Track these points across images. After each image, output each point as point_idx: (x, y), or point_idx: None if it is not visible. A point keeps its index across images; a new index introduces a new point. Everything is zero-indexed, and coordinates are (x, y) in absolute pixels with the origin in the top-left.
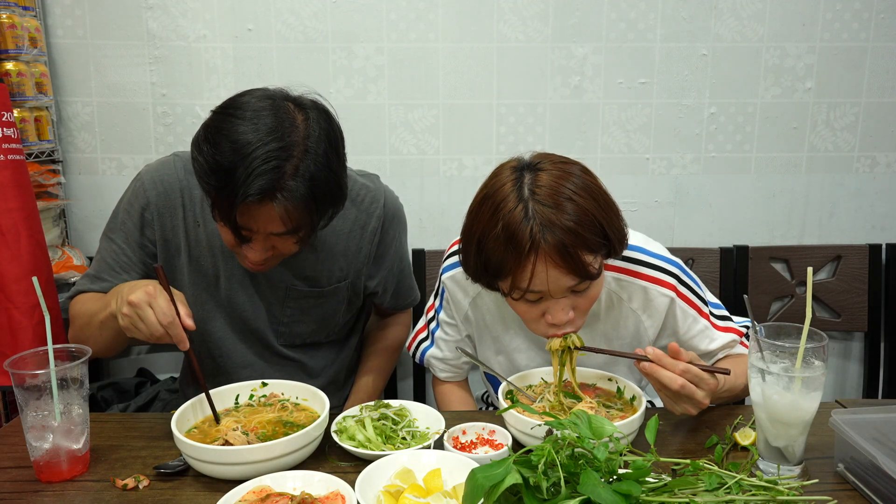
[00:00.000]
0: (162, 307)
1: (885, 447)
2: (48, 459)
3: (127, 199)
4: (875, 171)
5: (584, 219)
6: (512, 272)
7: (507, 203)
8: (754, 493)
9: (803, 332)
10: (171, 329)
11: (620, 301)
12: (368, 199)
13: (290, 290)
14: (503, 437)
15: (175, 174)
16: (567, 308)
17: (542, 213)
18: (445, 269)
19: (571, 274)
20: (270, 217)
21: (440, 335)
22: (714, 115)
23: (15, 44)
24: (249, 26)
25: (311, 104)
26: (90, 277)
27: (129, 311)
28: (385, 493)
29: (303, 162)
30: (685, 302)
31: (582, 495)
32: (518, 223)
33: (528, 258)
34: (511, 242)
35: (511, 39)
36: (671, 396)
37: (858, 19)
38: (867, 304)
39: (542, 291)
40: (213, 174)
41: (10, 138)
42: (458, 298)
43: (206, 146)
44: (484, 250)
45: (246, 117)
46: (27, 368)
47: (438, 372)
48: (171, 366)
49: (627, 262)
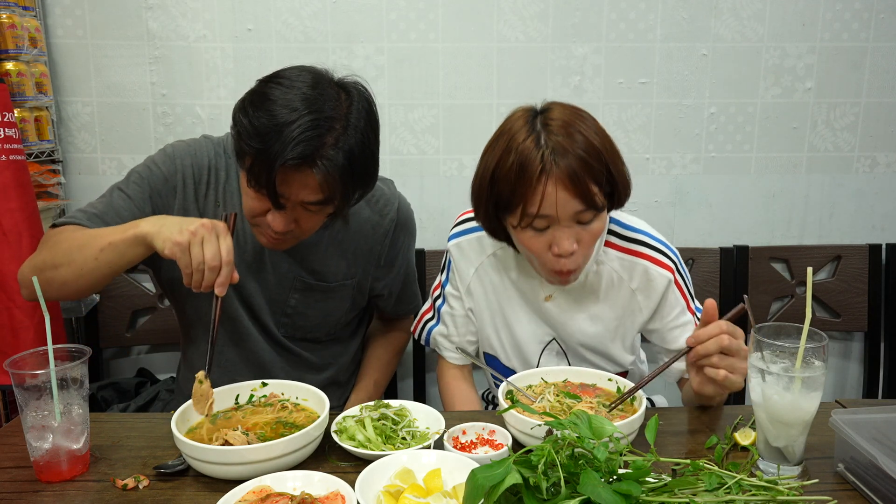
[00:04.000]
0: (229, 245)
1: (885, 447)
2: (48, 459)
3: (152, 160)
4: (875, 171)
5: (592, 151)
6: (523, 198)
7: (520, 135)
8: (754, 493)
9: (803, 332)
10: (227, 268)
11: (621, 281)
12: (383, 201)
13: (297, 282)
14: (503, 437)
15: (206, 151)
16: (572, 238)
17: (555, 141)
18: (452, 237)
19: (578, 199)
20: (306, 183)
21: (446, 310)
22: (714, 115)
23: (15, 44)
24: (249, 26)
25: (353, 86)
26: (88, 215)
27: (198, 230)
28: (385, 494)
29: (343, 135)
30: (678, 289)
31: (582, 495)
32: (530, 150)
33: (539, 181)
34: (524, 168)
35: (511, 39)
36: (718, 365)
37: (858, 19)
38: (867, 304)
39: (551, 216)
40: (258, 136)
41: (11, 138)
42: (462, 267)
43: (251, 109)
44: (497, 182)
45: (294, 87)
46: (27, 368)
47: (444, 350)
48: (170, 366)
49: (631, 243)
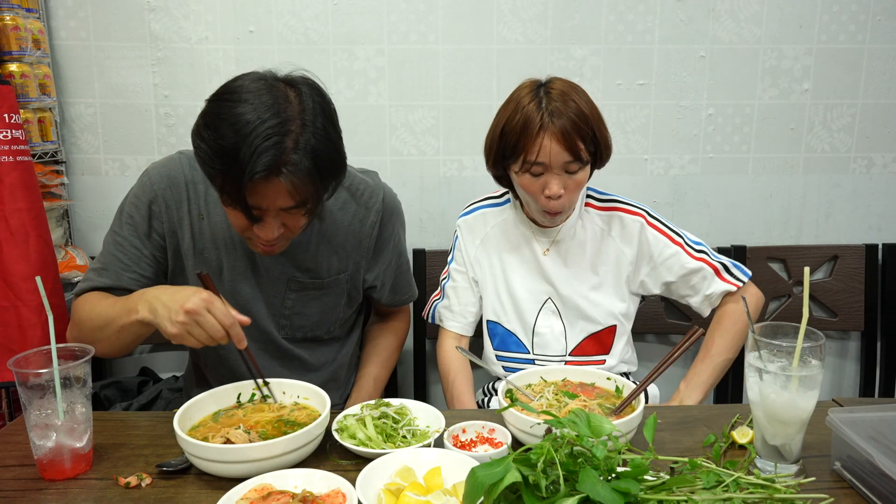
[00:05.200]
0: (222, 310)
1: (881, 445)
2: (51, 458)
3: (133, 194)
4: (872, 172)
5: (581, 115)
6: (524, 148)
7: (525, 99)
8: (752, 491)
9: (800, 331)
10: (233, 329)
11: (604, 233)
12: (367, 193)
13: (291, 282)
14: (503, 435)
15: (180, 169)
16: (560, 184)
17: (553, 106)
18: (462, 215)
19: (568, 152)
20: (278, 192)
21: (450, 285)
22: (712, 117)
23: (19, 45)
24: (251, 28)
25: (302, 80)
26: (96, 271)
27: (187, 319)
28: (386, 492)
29: (302, 135)
30: (655, 229)
31: (581, 493)
32: (533, 111)
33: (538, 135)
34: (526, 125)
35: (511, 41)
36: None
37: (855, 21)
38: (864, 303)
39: (545, 164)
40: (218, 158)
41: (17, 140)
42: (467, 239)
43: (206, 132)
44: (505, 135)
45: (242, 99)
46: (31, 367)
47: (447, 321)
48: (173, 365)
49: (607, 202)
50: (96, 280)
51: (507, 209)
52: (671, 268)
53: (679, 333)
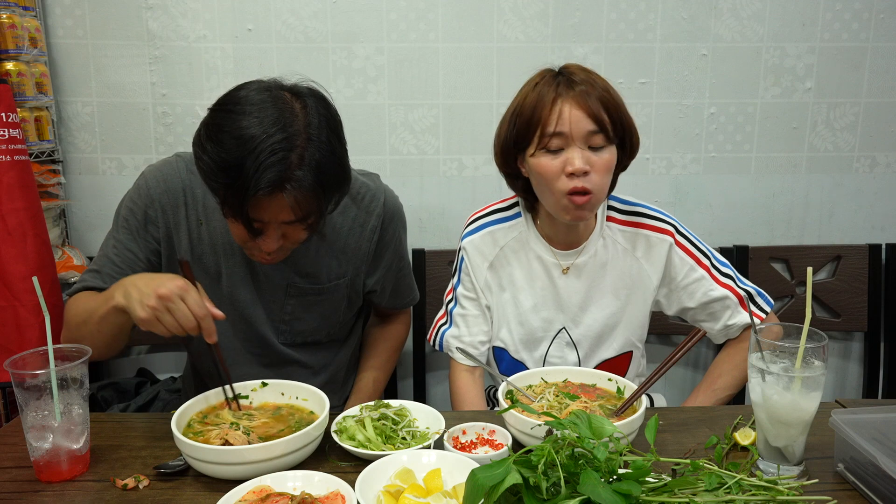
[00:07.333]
0: (195, 299)
1: (884, 447)
2: (48, 459)
3: (130, 197)
4: (875, 171)
5: (604, 87)
6: (542, 120)
7: (541, 77)
8: (754, 493)
9: (803, 332)
10: (205, 321)
11: (626, 252)
12: (368, 197)
13: (291, 287)
14: (503, 437)
15: (178, 173)
16: (583, 159)
17: (571, 74)
18: (465, 236)
19: (590, 118)
20: (281, 207)
21: (458, 311)
22: (714, 115)
23: (15, 44)
24: (249, 26)
25: (308, 92)
26: (91, 273)
27: (157, 304)
28: (385, 493)
29: (307, 150)
30: (682, 250)
31: (582, 495)
32: (550, 82)
33: (555, 102)
34: (542, 96)
35: (511, 39)
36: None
37: (858, 19)
38: (867, 304)
39: (564, 134)
40: (222, 171)
41: (15, 139)
42: (476, 263)
43: (209, 145)
44: (519, 115)
45: (246, 111)
46: (27, 368)
47: (457, 354)
48: (170, 366)
49: (631, 216)
50: (90, 281)
51: (517, 224)
52: (693, 293)
53: (681, 334)
